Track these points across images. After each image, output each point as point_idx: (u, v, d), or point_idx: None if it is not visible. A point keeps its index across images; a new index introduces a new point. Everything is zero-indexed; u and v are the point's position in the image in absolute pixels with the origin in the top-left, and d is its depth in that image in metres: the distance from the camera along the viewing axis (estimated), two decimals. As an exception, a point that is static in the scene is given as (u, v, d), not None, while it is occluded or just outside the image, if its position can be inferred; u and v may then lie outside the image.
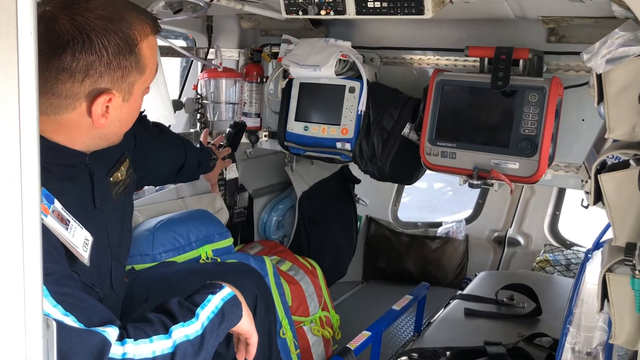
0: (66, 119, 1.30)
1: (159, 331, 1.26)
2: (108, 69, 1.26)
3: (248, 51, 2.74)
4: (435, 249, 3.76)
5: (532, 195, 3.73)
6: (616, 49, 1.33)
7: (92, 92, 1.27)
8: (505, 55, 1.98)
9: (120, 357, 1.17)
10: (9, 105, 0.78)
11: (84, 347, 1.13)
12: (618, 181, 1.37)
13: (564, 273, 3.45)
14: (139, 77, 1.34)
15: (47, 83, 1.23)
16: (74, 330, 1.13)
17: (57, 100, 1.26)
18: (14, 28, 0.76)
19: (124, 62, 1.29)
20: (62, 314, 1.14)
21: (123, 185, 1.61)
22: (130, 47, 1.29)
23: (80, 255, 1.29)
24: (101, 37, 1.24)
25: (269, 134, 2.72)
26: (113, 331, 1.18)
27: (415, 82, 2.42)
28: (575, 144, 2.09)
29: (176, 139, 2.16)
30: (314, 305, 2.53)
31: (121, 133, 1.44)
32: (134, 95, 1.37)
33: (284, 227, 3.30)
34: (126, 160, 1.64)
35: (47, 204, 1.22)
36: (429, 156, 2.14)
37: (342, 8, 2.02)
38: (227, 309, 1.41)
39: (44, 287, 1.08)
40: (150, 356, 1.22)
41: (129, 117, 1.41)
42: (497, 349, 2.27)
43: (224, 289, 1.44)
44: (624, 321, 1.41)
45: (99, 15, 1.25)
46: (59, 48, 1.21)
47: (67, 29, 1.21)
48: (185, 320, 1.31)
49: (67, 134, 1.33)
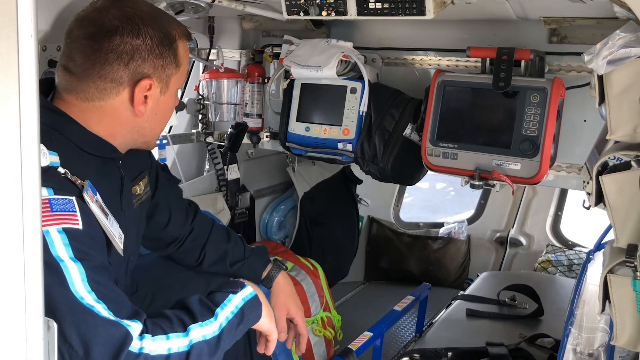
0: (110, 106, 1.40)
1: (176, 329, 1.29)
2: (151, 55, 1.38)
3: (250, 52, 2.74)
4: (437, 250, 3.76)
5: (534, 196, 3.73)
6: (617, 50, 1.33)
7: (135, 77, 1.38)
8: (506, 56, 1.98)
9: (137, 352, 1.20)
10: (10, 106, 0.78)
11: (108, 337, 1.17)
12: (619, 182, 1.36)
13: (566, 274, 3.45)
14: (175, 71, 1.46)
15: (96, 65, 1.35)
16: (100, 319, 1.18)
17: (103, 84, 1.36)
18: (14, 30, 0.77)
19: (165, 53, 1.41)
20: (94, 300, 1.19)
21: (140, 200, 1.65)
22: (169, 42, 1.42)
23: (117, 245, 1.37)
24: (147, 26, 1.37)
25: (270, 135, 2.72)
26: (137, 326, 1.22)
27: (417, 83, 2.41)
28: (577, 145, 2.08)
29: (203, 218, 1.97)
30: (315, 306, 2.53)
31: (155, 132, 1.53)
32: (170, 90, 1.48)
33: (286, 228, 3.30)
34: (145, 177, 1.69)
35: (92, 193, 1.31)
36: (431, 157, 2.14)
37: (343, 9, 2.02)
38: (247, 309, 1.44)
39: (83, 271, 1.18)
40: (165, 353, 1.24)
41: (164, 113, 1.51)
42: (499, 349, 2.27)
43: (245, 288, 1.47)
44: (625, 322, 1.40)
45: (145, 10, 1.41)
46: (109, 32, 1.34)
47: (118, 16, 1.35)
48: (203, 319, 1.34)
49: (109, 125, 1.42)
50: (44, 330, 0.85)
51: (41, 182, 1.20)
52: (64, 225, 1.21)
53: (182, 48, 1.47)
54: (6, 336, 0.82)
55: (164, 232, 1.85)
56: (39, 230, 0.83)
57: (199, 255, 1.89)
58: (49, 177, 1.23)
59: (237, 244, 1.95)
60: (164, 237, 1.86)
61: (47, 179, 1.21)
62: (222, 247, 1.91)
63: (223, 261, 1.91)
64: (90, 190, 1.31)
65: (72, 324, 1.15)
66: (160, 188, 1.82)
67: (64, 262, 1.18)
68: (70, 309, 1.16)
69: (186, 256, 1.91)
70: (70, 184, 1.28)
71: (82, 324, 1.16)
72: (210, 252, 1.89)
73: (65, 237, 1.20)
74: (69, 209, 1.23)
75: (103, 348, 1.16)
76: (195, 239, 1.89)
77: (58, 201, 1.23)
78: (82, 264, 1.20)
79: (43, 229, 1.14)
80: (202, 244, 1.89)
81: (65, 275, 1.17)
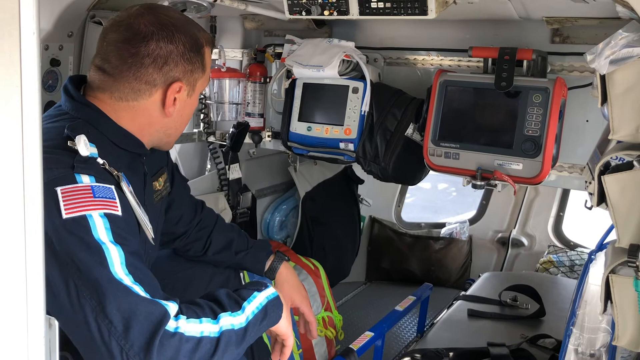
0: (142, 106, 1.48)
1: (208, 315, 1.33)
2: (182, 60, 1.47)
3: (251, 51, 2.74)
4: (439, 250, 3.75)
5: (536, 196, 3.72)
6: (620, 49, 1.33)
7: (168, 80, 1.47)
8: (509, 55, 1.98)
9: (172, 330, 1.23)
10: (12, 104, 0.78)
11: (147, 315, 1.21)
12: (621, 182, 1.36)
13: (567, 274, 3.44)
14: (201, 75, 1.55)
15: (132, 68, 1.43)
16: (140, 298, 1.23)
17: (138, 85, 1.45)
18: (16, 28, 0.77)
19: (194, 58, 1.50)
20: (131, 282, 1.24)
21: (160, 195, 1.72)
22: (197, 47, 1.51)
23: (149, 233, 1.46)
24: (180, 32, 1.46)
25: (272, 134, 2.72)
26: (174, 307, 1.26)
27: (419, 83, 2.41)
28: (579, 145, 2.08)
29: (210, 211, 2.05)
30: (316, 306, 2.53)
31: (178, 132, 1.62)
32: (195, 93, 1.57)
33: (287, 228, 3.30)
34: (164, 173, 1.76)
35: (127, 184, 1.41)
36: (432, 157, 2.13)
37: (345, 8, 2.02)
38: (270, 308, 1.47)
39: (122, 254, 1.24)
40: (198, 335, 1.27)
41: (188, 114, 1.60)
42: (500, 350, 2.27)
43: (268, 288, 1.51)
44: (627, 323, 1.40)
45: (177, 17, 1.51)
46: (145, 37, 1.43)
47: (153, 22, 1.44)
48: (232, 310, 1.37)
49: (140, 124, 1.50)
50: (45, 328, 0.85)
51: (84, 170, 1.28)
52: (105, 210, 1.28)
53: (208, 54, 1.56)
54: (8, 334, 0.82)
55: (175, 227, 1.92)
56: (41, 228, 0.83)
57: (204, 243, 1.96)
58: (89, 167, 1.31)
59: (240, 234, 2.03)
60: (174, 232, 1.93)
61: (88, 167, 1.31)
62: (227, 235, 1.99)
63: (228, 249, 1.97)
64: (125, 181, 1.39)
65: (114, 301, 1.20)
66: (175, 185, 1.89)
67: (105, 245, 1.24)
68: (112, 287, 1.21)
69: (192, 246, 1.96)
70: (108, 174, 1.36)
71: (123, 301, 1.20)
72: (216, 240, 1.96)
73: (106, 222, 1.26)
74: (109, 196, 1.31)
75: (142, 325, 1.20)
76: (201, 228, 1.96)
77: (100, 188, 1.30)
78: (121, 248, 1.26)
79: (86, 213, 1.24)
80: (208, 233, 1.96)
81: (106, 257, 1.23)
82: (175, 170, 1.93)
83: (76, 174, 1.28)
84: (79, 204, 1.25)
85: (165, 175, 1.77)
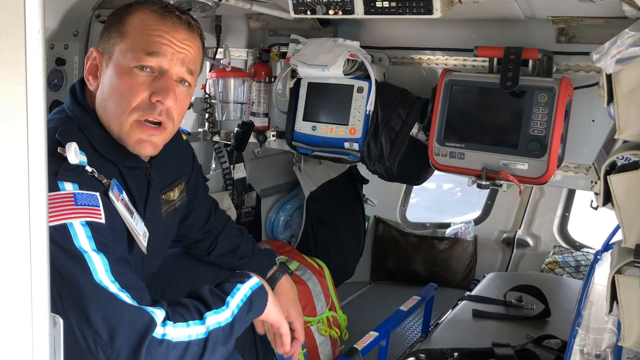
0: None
1: (194, 316, 1.31)
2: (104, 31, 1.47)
3: (256, 51, 2.74)
4: (444, 250, 3.74)
5: (541, 196, 3.71)
6: (626, 49, 1.32)
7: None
8: (514, 55, 1.97)
9: (160, 337, 1.22)
10: (17, 103, 0.78)
11: (133, 322, 1.19)
12: (628, 182, 1.36)
13: (573, 275, 3.43)
14: (118, 40, 1.42)
15: None
16: (125, 305, 1.20)
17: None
18: (21, 27, 0.77)
19: (110, 24, 1.47)
20: (118, 288, 1.22)
21: (173, 206, 1.68)
22: (121, 14, 1.45)
23: (140, 243, 1.41)
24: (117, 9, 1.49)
25: (277, 134, 2.72)
26: (160, 313, 1.25)
27: (424, 82, 2.41)
28: (585, 145, 2.07)
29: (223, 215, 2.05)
30: (321, 305, 2.53)
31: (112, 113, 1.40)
32: (114, 61, 1.41)
33: (292, 227, 3.30)
34: (181, 184, 1.72)
35: (118, 192, 1.35)
36: (437, 156, 2.13)
37: (350, 8, 2.02)
38: (255, 298, 1.47)
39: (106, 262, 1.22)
40: (186, 340, 1.26)
41: (111, 88, 1.40)
42: (505, 350, 2.26)
43: (252, 279, 1.50)
44: (633, 323, 1.40)
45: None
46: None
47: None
48: (217, 307, 1.36)
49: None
50: (50, 326, 0.85)
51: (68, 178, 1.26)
52: (87, 218, 1.25)
53: (138, 19, 1.43)
54: (12, 332, 0.82)
55: (190, 233, 1.92)
56: (46, 226, 0.83)
57: (210, 245, 1.95)
58: (75, 174, 1.28)
59: (247, 240, 2.01)
60: (185, 236, 1.92)
61: (73, 175, 1.27)
62: (234, 240, 1.97)
63: (232, 254, 1.96)
64: (116, 189, 1.35)
65: (98, 310, 1.18)
66: (198, 196, 1.88)
67: (87, 253, 1.21)
68: (95, 296, 1.19)
69: (197, 245, 1.96)
70: (96, 182, 1.32)
71: (108, 309, 1.18)
72: (222, 244, 1.95)
73: (88, 230, 1.23)
74: (92, 204, 1.27)
75: (128, 333, 1.18)
76: (210, 229, 1.95)
77: (82, 195, 1.27)
78: (104, 255, 1.24)
79: (67, 222, 1.20)
80: (216, 235, 1.95)
81: (89, 265, 1.20)
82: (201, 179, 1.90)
83: (59, 181, 1.25)
84: (60, 212, 1.22)
85: (182, 185, 1.72)
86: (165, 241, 1.72)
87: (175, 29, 1.44)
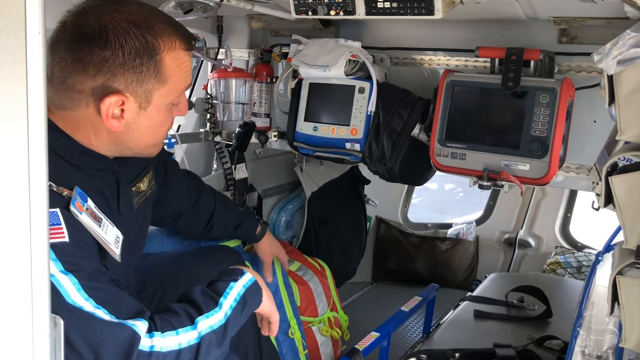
0: (83, 117, 1.33)
1: (184, 323, 1.29)
2: (122, 70, 1.28)
3: (258, 51, 2.74)
4: (445, 250, 3.74)
5: (543, 197, 3.71)
6: (628, 50, 1.32)
7: (104, 91, 1.29)
8: (516, 56, 1.97)
9: (148, 350, 1.20)
10: (18, 105, 0.79)
11: (115, 340, 1.16)
12: (629, 183, 1.35)
13: (575, 275, 3.43)
14: (158, 85, 1.35)
15: (64, 73, 1.28)
16: (105, 324, 1.17)
17: (72, 94, 1.30)
18: (22, 27, 0.77)
19: (141, 67, 1.30)
20: (93, 306, 1.18)
21: (144, 196, 1.65)
22: (149, 54, 1.31)
23: (112, 252, 1.34)
24: (119, 36, 1.27)
25: (278, 134, 2.72)
26: (142, 325, 1.21)
27: (426, 83, 2.41)
28: (587, 146, 2.07)
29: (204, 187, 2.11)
30: (322, 306, 2.53)
31: (146, 145, 1.44)
32: (154, 105, 1.37)
33: (293, 227, 3.30)
34: (149, 172, 1.69)
35: (81, 202, 1.27)
36: (439, 157, 2.13)
37: (351, 8, 2.02)
38: (249, 296, 1.45)
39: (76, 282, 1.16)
40: (176, 348, 1.24)
41: (150, 128, 1.40)
42: (507, 351, 2.26)
43: (245, 275, 1.48)
44: (634, 324, 1.39)
45: (126, 18, 1.29)
46: (79, 40, 1.26)
47: (91, 24, 1.26)
48: (208, 310, 1.34)
49: (87, 135, 1.36)
50: (50, 327, 0.85)
51: None
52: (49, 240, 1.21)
53: (171, 60, 1.35)
54: (12, 333, 0.82)
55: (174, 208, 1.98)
56: (46, 228, 0.83)
57: (206, 224, 2.07)
58: None
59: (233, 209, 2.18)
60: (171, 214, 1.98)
61: None
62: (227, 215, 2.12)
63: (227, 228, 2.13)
64: (78, 199, 1.27)
65: (77, 332, 1.14)
66: (170, 175, 1.90)
67: (54, 277, 1.16)
68: (72, 318, 1.14)
69: (194, 226, 2.06)
70: (56, 195, 1.24)
71: (87, 330, 1.15)
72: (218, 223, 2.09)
73: (52, 253, 1.16)
74: (52, 223, 1.19)
75: (112, 351, 1.15)
76: (200, 208, 2.03)
77: None
78: (74, 275, 1.18)
79: None
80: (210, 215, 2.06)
81: (59, 289, 1.15)
82: (167, 157, 1.93)
83: None
84: None
85: (151, 173, 1.70)
86: (141, 233, 1.69)
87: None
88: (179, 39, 1.37)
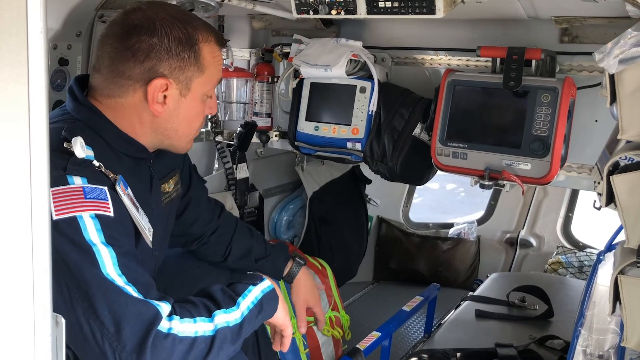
0: (130, 103, 1.45)
1: (202, 314, 1.33)
2: (167, 55, 1.41)
3: (259, 51, 2.74)
4: (447, 250, 3.74)
5: (544, 197, 3.71)
6: (629, 49, 1.32)
7: (151, 75, 1.41)
8: (517, 55, 1.97)
9: (165, 331, 1.24)
10: (19, 103, 0.79)
11: (138, 315, 1.21)
12: (630, 182, 1.35)
13: (576, 275, 3.42)
14: (197, 74, 1.47)
15: (115, 63, 1.42)
16: (132, 299, 1.23)
17: (121, 80, 1.42)
18: (24, 27, 0.77)
19: (183, 54, 1.43)
20: (124, 282, 1.24)
21: (169, 197, 1.71)
22: (190, 43, 1.44)
23: (146, 236, 1.44)
24: (165, 26, 1.41)
25: (279, 134, 2.72)
26: (166, 307, 1.27)
27: (427, 82, 2.41)
28: (588, 145, 2.07)
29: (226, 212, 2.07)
30: (324, 305, 2.53)
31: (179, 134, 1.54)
32: (192, 93, 1.49)
33: (295, 227, 3.30)
34: (176, 175, 1.75)
35: (124, 187, 1.37)
36: (440, 156, 2.13)
37: (352, 8, 2.02)
38: (266, 301, 1.48)
39: (114, 255, 1.24)
40: (192, 335, 1.28)
41: (188, 116, 1.52)
42: (508, 351, 2.26)
43: (264, 281, 1.51)
44: (636, 324, 1.39)
45: (169, 13, 1.45)
46: (130, 32, 1.40)
47: (140, 17, 1.42)
48: (227, 307, 1.38)
49: (132, 123, 1.47)
50: (52, 326, 0.85)
51: (77, 172, 1.27)
52: (96, 211, 1.27)
53: (208, 52, 1.48)
54: (14, 331, 0.82)
55: (191, 229, 1.93)
56: (48, 226, 0.83)
57: (224, 250, 1.97)
58: (83, 168, 1.31)
59: (259, 239, 2.04)
60: (190, 234, 1.94)
61: (82, 169, 1.30)
62: (247, 242, 2.00)
63: (248, 257, 1.99)
64: (122, 184, 1.37)
65: (105, 302, 1.20)
66: (192, 187, 1.90)
67: (96, 246, 1.24)
68: (103, 288, 1.21)
69: (212, 252, 1.98)
70: (104, 177, 1.34)
71: (114, 302, 1.20)
72: (236, 248, 1.98)
73: (97, 223, 1.26)
74: (101, 197, 1.29)
75: (134, 325, 1.20)
76: (221, 235, 1.97)
77: (91, 189, 1.29)
78: (113, 249, 1.26)
79: (76, 214, 1.23)
80: (228, 240, 1.97)
81: (97, 258, 1.23)
82: (193, 171, 1.93)
83: (68, 175, 1.28)
84: (69, 205, 1.25)
85: (177, 177, 1.76)
86: (165, 234, 1.73)
87: None
88: (214, 35, 1.51)
